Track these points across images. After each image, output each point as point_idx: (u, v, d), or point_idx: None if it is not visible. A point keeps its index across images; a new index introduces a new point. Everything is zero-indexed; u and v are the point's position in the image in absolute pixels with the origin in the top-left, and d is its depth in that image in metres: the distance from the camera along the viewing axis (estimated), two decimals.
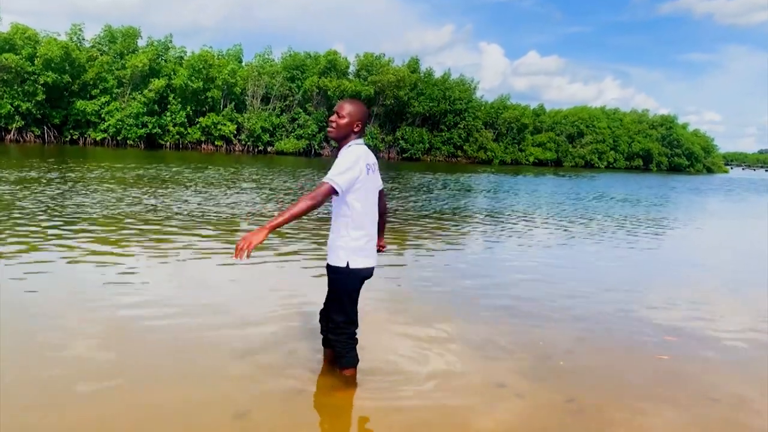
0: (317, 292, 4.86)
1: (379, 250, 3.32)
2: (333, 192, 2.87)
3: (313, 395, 3.19)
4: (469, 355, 3.86)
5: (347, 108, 3.00)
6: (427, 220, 11.00)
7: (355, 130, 3.00)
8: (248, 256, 2.54)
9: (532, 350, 4.03)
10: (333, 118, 3.00)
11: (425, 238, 8.83)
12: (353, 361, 3.22)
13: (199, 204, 11.05)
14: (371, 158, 3.06)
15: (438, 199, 15.65)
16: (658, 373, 3.78)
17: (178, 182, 15.46)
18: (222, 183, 16.14)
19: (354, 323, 3.20)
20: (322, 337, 3.46)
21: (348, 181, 2.88)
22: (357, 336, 3.23)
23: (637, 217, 13.99)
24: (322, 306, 3.38)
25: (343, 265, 3.01)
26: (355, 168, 2.91)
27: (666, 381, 3.66)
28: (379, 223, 3.21)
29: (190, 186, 14.63)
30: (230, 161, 30.23)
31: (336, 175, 2.85)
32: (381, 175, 3.22)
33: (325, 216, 9.53)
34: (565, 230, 10.93)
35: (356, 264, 3.02)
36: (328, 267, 3.11)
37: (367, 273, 3.08)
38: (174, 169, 20.81)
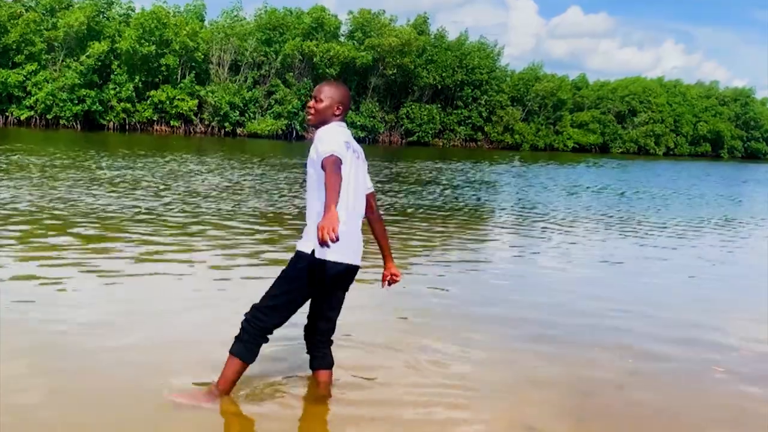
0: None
1: (391, 281, 3.56)
2: (339, 162, 3.01)
3: None
4: (492, 391, 3.87)
5: (325, 90, 3.33)
6: (446, 220, 11.03)
7: (336, 113, 3.32)
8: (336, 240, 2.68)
9: (570, 385, 4.04)
10: (311, 103, 3.36)
11: (441, 247, 8.84)
12: (248, 354, 3.25)
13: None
14: (354, 142, 3.39)
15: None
16: (729, 415, 3.78)
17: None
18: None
19: (276, 315, 3.22)
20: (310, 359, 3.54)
21: (341, 150, 3.06)
22: (268, 335, 3.28)
23: (708, 219, 14.01)
24: (306, 321, 3.45)
25: (308, 251, 3.13)
26: (338, 140, 3.12)
27: (739, 425, 3.67)
28: (379, 237, 3.55)
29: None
30: (185, 147, 30.25)
31: (330, 146, 3.02)
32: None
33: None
34: (613, 237, 10.94)
35: (324, 254, 3.07)
36: (295, 254, 3.25)
37: (336, 270, 3.16)
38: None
